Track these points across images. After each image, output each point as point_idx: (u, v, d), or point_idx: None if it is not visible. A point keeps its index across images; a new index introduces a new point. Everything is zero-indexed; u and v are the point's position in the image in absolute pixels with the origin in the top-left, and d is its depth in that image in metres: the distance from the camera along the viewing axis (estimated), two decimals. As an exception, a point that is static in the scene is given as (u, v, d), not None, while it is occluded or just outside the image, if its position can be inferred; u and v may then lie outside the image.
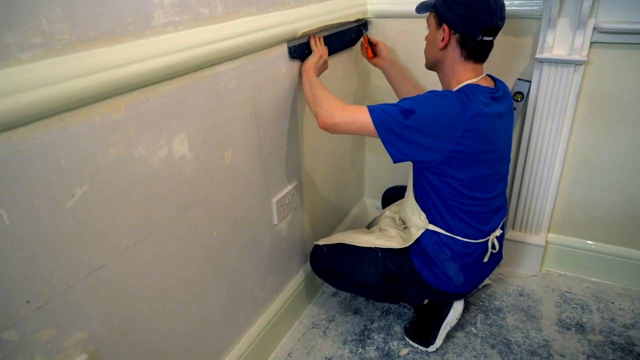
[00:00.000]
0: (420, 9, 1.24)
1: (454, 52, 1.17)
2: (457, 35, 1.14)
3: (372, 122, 1.09)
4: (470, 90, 1.10)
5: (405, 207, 1.34)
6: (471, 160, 1.13)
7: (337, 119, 1.12)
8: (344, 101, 1.16)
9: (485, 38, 1.13)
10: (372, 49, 1.55)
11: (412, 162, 1.22)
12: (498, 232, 1.29)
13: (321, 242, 1.45)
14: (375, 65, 1.58)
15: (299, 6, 1.24)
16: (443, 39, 1.16)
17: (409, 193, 1.32)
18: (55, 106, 0.68)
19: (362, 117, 1.10)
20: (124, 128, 0.81)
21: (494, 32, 1.14)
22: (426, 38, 1.25)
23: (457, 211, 1.20)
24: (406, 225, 1.36)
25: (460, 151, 1.10)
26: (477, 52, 1.15)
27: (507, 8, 1.44)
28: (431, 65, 1.27)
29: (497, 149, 1.17)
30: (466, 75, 1.17)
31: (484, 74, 1.19)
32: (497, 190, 1.24)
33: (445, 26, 1.14)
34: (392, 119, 1.07)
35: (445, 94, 1.10)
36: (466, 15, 1.10)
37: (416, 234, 1.27)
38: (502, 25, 1.14)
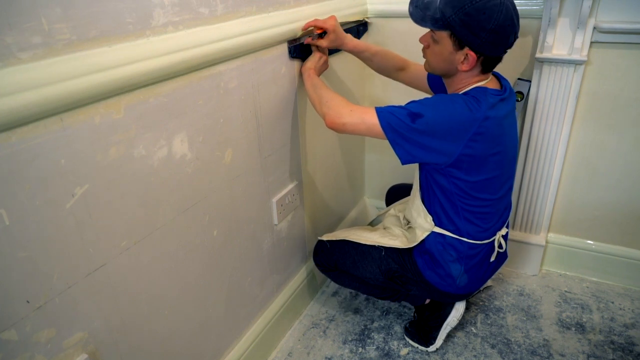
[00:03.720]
0: (422, 19, 1.09)
1: (474, 70, 1.12)
2: (482, 57, 1.09)
3: (380, 124, 1.08)
4: (478, 93, 1.09)
5: (411, 208, 1.33)
6: (480, 162, 1.12)
7: (345, 119, 1.12)
8: (349, 101, 1.16)
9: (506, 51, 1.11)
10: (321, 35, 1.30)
11: (420, 163, 1.22)
12: (504, 231, 1.29)
13: (325, 237, 1.44)
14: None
15: (299, 6, 1.24)
16: (465, 61, 1.08)
17: (416, 195, 1.31)
18: (55, 106, 0.68)
19: (370, 119, 1.09)
20: (124, 128, 0.81)
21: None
22: (434, 51, 1.13)
23: (465, 213, 1.20)
24: (410, 225, 1.35)
25: (470, 154, 1.09)
26: (494, 64, 1.13)
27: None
28: (439, 74, 1.20)
29: (504, 150, 1.16)
30: (474, 80, 1.15)
31: (490, 77, 1.18)
32: (503, 190, 1.23)
33: (469, 50, 1.06)
34: (400, 122, 1.07)
35: (453, 98, 1.09)
36: (495, 41, 1.04)
37: (421, 235, 1.27)
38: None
